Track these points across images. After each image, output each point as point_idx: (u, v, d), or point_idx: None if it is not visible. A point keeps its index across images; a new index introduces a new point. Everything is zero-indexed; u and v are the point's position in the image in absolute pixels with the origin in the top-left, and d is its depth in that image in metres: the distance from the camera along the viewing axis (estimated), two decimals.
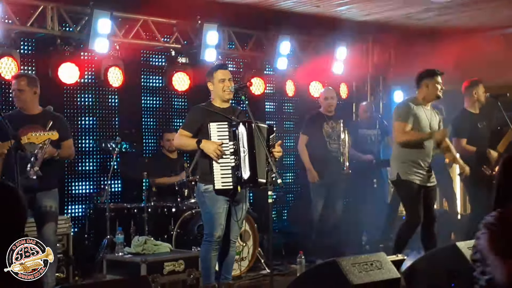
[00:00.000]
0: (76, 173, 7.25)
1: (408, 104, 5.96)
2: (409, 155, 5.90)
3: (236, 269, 6.24)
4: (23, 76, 5.36)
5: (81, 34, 6.75)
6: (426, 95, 5.95)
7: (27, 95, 5.24)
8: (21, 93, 5.23)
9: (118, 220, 6.58)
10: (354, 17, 8.14)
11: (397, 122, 5.91)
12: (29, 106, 5.28)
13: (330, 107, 7.37)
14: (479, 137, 6.67)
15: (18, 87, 5.24)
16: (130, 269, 5.73)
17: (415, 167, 5.89)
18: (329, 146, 7.29)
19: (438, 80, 5.95)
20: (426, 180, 5.94)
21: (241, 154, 5.06)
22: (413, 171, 5.88)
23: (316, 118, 7.37)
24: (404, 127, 5.85)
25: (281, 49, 8.04)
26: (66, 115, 7.10)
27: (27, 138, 4.73)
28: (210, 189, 5.09)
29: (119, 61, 7.01)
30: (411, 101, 5.98)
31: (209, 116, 5.18)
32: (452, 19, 8.23)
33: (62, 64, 6.59)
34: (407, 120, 5.85)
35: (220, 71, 5.30)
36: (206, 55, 7.37)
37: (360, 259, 4.34)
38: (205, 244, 5.23)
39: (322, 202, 7.30)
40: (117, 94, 7.50)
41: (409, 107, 5.89)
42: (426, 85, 5.94)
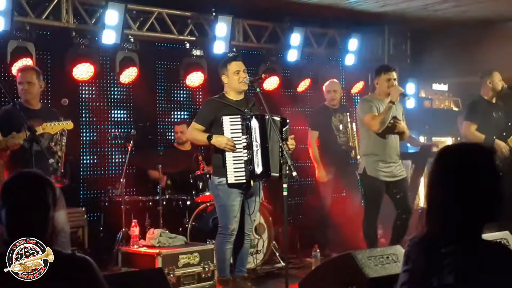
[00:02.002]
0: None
1: (368, 98, 6.16)
2: (374, 149, 6.00)
3: (251, 262, 6.23)
4: (32, 69, 5.32)
5: (96, 26, 6.75)
6: (380, 90, 6.09)
7: (35, 88, 5.23)
8: (30, 86, 5.21)
9: (133, 212, 6.59)
10: (370, 8, 8.06)
11: (365, 117, 5.99)
12: (35, 100, 5.28)
13: (333, 100, 7.32)
14: (492, 125, 6.59)
15: (28, 79, 5.20)
16: (145, 262, 5.74)
17: (380, 163, 5.98)
18: (339, 140, 7.24)
19: (389, 76, 6.03)
20: (392, 175, 6.01)
21: (254, 148, 5.04)
22: (378, 167, 5.97)
23: (323, 112, 7.32)
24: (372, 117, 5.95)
25: (291, 41, 7.99)
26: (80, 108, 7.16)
27: (42, 128, 4.72)
28: (224, 182, 5.08)
29: (134, 54, 7.01)
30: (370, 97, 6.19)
31: (222, 109, 5.16)
32: (470, 10, 8.13)
33: (77, 58, 6.59)
34: (372, 111, 5.97)
35: (234, 63, 5.28)
36: (219, 47, 7.34)
37: (376, 252, 4.31)
38: (219, 236, 5.22)
39: (330, 197, 7.26)
40: (131, 87, 7.50)
41: (370, 101, 6.04)
42: (376, 82, 6.13)
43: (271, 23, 8.07)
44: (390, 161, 6.02)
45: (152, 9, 7.18)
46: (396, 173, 6.07)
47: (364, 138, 6.17)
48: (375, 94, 6.20)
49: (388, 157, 6.01)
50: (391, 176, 6.04)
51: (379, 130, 5.93)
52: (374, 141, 6.02)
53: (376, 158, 6.00)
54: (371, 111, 5.99)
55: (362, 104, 6.19)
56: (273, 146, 5.07)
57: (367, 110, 6.02)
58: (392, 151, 6.04)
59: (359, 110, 6.19)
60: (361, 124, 6.19)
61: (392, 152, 6.04)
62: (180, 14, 7.43)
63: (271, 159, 5.06)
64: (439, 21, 8.56)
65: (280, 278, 6.15)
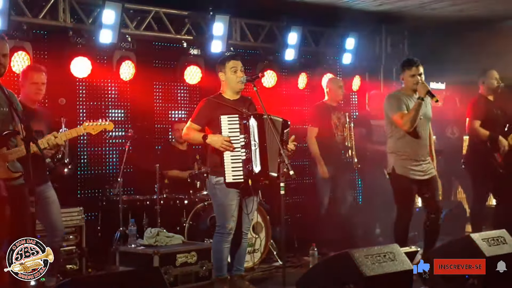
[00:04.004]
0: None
1: (396, 95, 5.87)
2: (404, 147, 5.78)
3: (249, 261, 6.24)
4: (44, 70, 5.33)
5: (93, 26, 6.74)
6: (406, 86, 5.87)
7: (44, 89, 5.26)
8: (43, 86, 5.24)
9: (131, 212, 6.60)
10: (367, 7, 8.07)
11: (394, 115, 5.75)
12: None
13: (339, 96, 7.30)
14: (494, 122, 6.59)
15: (42, 80, 5.22)
16: (143, 261, 5.75)
17: (410, 161, 5.77)
18: (337, 138, 7.24)
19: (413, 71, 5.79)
20: (423, 173, 5.81)
21: (252, 147, 5.04)
22: (409, 166, 5.76)
23: (324, 109, 7.31)
24: (401, 115, 5.72)
25: (289, 40, 7.99)
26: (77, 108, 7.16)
27: (83, 128, 4.62)
28: (221, 182, 5.08)
29: (131, 53, 7.01)
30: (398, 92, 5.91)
31: (219, 109, 5.16)
32: (466, 9, 8.14)
33: (75, 57, 6.59)
34: (401, 109, 5.74)
35: (232, 61, 5.28)
36: (217, 46, 7.34)
37: (373, 250, 4.33)
38: (217, 235, 5.23)
39: (328, 195, 7.26)
40: (128, 86, 7.50)
41: (398, 98, 5.79)
42: (402, 78, 5.90)
43: (268, 22, 8.07)
44: (421, 159, 5.79)
45: (149, 8, 7.17)
46: (427, 171, 5.83)
47: (392, 135, 5.87)
48: (403, 89, 5.90)
49: (418, 155, 5.77)
50: (422, 174, 5.80)
51: (410, 129, 5.68)
52: (403, 139, 5.77)
53: (406, 156, 5.76)
54: (401, 109, 5.71)
55: (389, 100, 5.88)
56: (271, 146, 5.07)
57: (396, 108, 5.74)
58: (422, 148, 5.81)
59: (386, 107, 5.88)
60: (389, 122, 5.88)
61: (422, 150, 5.81)
62: (177, 13, 7.43)
63: (269, 158, 5.06)
64: (436, 20, 8.57)
65: (277, 277, 6.16)
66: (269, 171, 5.06)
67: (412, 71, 5.79)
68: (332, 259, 4.69)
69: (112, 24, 6.61)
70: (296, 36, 8.01)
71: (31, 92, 5.21)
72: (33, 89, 5.20)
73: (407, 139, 5.76)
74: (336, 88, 7.32)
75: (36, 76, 5.21)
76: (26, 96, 5.21)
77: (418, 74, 5.77)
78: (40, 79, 5.22)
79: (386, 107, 5.89)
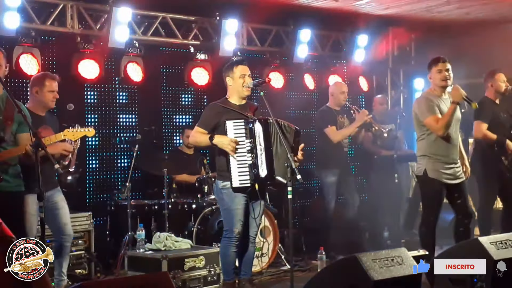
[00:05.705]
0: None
1: (427, 97, 5.74)
2: (437, 150, 5.65)
3: (257, 265, 6.25)
4: (58, 79, 5.38)
5: (100, 32, 6.78)
6: (434, 85, 5.76)
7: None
8: (56, 94, 5.29)
9: (139, 216, 6.62)
10: (374, 10, 8.08)
11: (427, 119, 5.61)
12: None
13: (343, 101, 7.32)
14: (501, 125, 6.55)
15: (57, 89, 5.28)
16: (151, 266, 5.76)
17: (443, 164, 5.64)
18: (342, 141, 7.25)
19: (439, 67, 5.68)
20: (454, 177, 5.70)
21: (258, 151, 5.05)
22: (441, 169, 5.63)
23: (330, 113, 7.32)
24: (435, 119, 5.58)
25: (301, 37, 8.00)
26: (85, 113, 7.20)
27: (63, 134, 4.72)
28: (228, 186, 5.09)
29: (139, 58, 7.05)
30: (428, 94, 5.78)
31: (225, 114, 5.17)
32: (472, 12, 8.13)
33: (82, 62, 6.63)
34: (434, 112, 5.61)
35: (240, 66, 5.30)
36: (225, 50, 7.36)
37: (381, 254, 4.31)
38: (224, 240, 5.24)
39: (335, 199, 7.26)
40: (137, 91, 7.53)
41: (430, 100, 5.67)
42: (430, 77, 5.79)
43: (275, 26, 8.09)
44: (452, 162, 5.65)
45: (156, 14, 7.21)
46: (458, 175, 5.70)
47: (423, 138, 5.70)
48: (431, 90, 5.74)
49: (450, 158, 5.63)
50: (453, 178, 5.66)
51: (444, 134, 5.55)
52: (435, 142, 5.62)
53: (438, 159, 5.61)
54: (434, 113, 5.55)
55: (421, 103, 5.70)
56: (278, 150, 5.08)
57: (428, 112, 5.58)
58: (454, 151, 5.68)
59: (417, 109, 5.69)
60: (419, 124, 5.71)
61: (454, 152, 5.68)
62: (184, 19, 7.46)
63: (276, 162, 5.06)
64: (443, 23, 8.57)
65: (285, 281, 6.17)
66: (276, 175, 5.07)
67: (439, 67, 5.68)
68: (340, 263, 4.68)
69: (119, 30, 6.65)
70: (305, 33, 8.01)
71: (48, 100, 5.24)
72: (50, 97, 5.24)
73: (439, 142, 5.63)
74: (339, 93, 7.33)
75: (54, 84, 5.28)
76: (40, 103, 5.23)
77: (445, 69, 5.67)
78: (56, 87, 5.29)
79: (416, 109, 5.74)
